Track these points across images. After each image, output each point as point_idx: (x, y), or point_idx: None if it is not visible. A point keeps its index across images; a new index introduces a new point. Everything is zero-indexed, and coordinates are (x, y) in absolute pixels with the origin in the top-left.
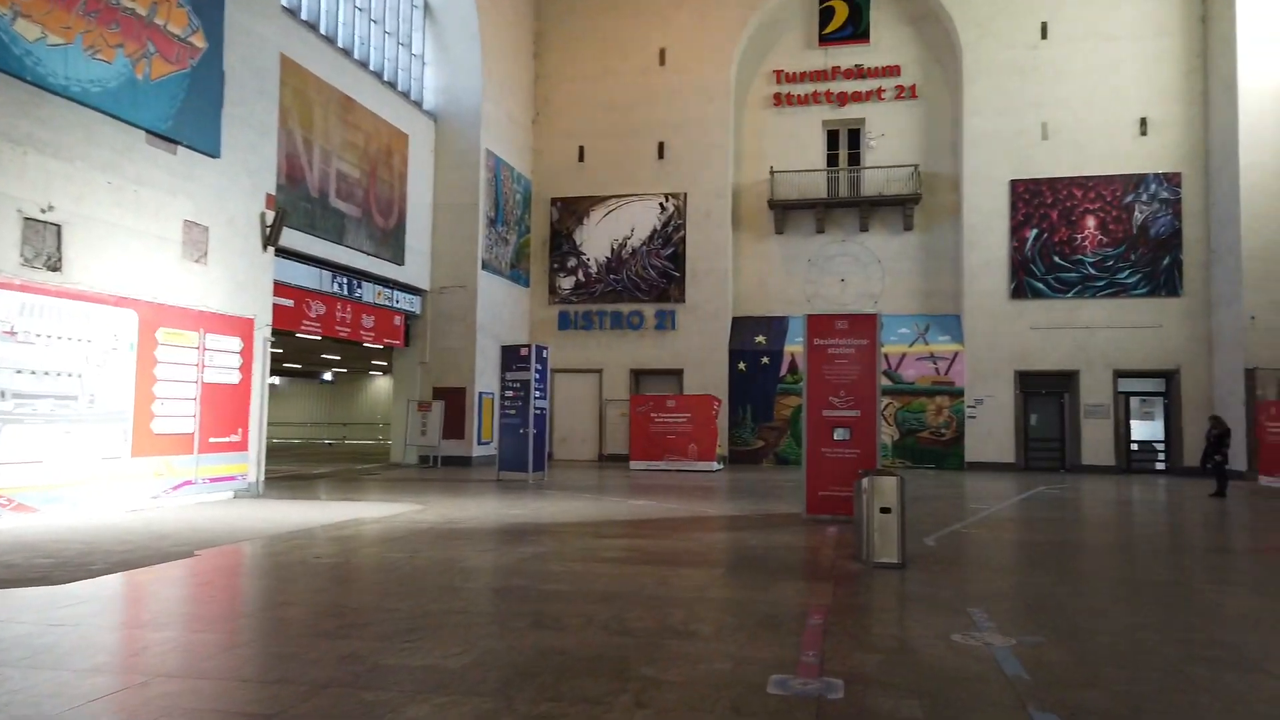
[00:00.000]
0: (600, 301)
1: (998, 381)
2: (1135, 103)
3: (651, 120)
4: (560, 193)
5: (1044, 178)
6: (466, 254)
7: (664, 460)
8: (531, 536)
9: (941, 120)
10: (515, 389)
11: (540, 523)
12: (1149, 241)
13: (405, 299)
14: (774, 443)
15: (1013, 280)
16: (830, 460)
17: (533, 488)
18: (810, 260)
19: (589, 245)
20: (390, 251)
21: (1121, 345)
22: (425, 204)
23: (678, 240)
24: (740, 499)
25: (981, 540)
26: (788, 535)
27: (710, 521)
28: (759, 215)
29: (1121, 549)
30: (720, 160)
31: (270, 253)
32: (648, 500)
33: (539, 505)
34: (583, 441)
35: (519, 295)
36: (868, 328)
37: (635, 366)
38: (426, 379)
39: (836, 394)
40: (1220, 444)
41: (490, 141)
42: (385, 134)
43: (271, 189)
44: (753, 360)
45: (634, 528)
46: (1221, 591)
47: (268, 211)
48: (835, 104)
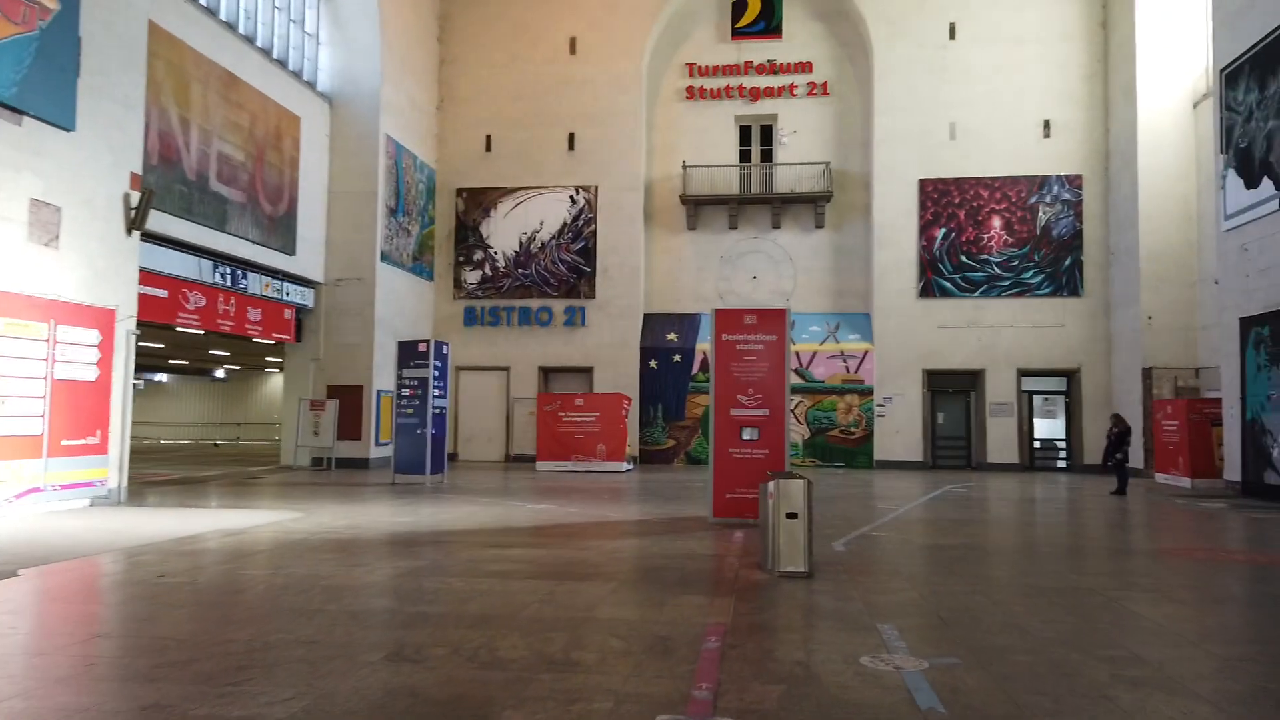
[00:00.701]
0: (508, 297)
1: (906, 380)
2: (1039, 105)
3: (562, 110)
4: (466, 183)
5: (952, 177)
6: (364, 244)
7: (572, 461)
8: (414, 547)
9: (852, 118)
10: (413, 387)
11: (428, 531)
12: (1052, 242)
13: (297, 292)
14: (686, 442)
15: (921, 279)
16: (738, 461)
17: (430, 491)
18: (723, 257)
19: (496, 238)
20: (280, 240)
21: (1025, 345)
22: (319, 191)
23: (588, 234)
24: (647, 501)
25: (891, 544)
26: (691, 542)
27: (612, 527)
28: (671, 210)
29: (1030, 552)
30: (632, 153)
31: (136, 238)
32: (549, 504)
33: (431, 511)
34: (489, 441)
35: (422, 289)
36: (777, 323)
37: (544, 364)
38: (320, 377)
39: (745, 392)
40: (1121, 442)
41: (390, 127)
42: (274, 115)
43: (138, 168)
44: (664, 358)
45: (529, 535)
46: (1135, 599)
47: (132, 192)
48: (748, 99)
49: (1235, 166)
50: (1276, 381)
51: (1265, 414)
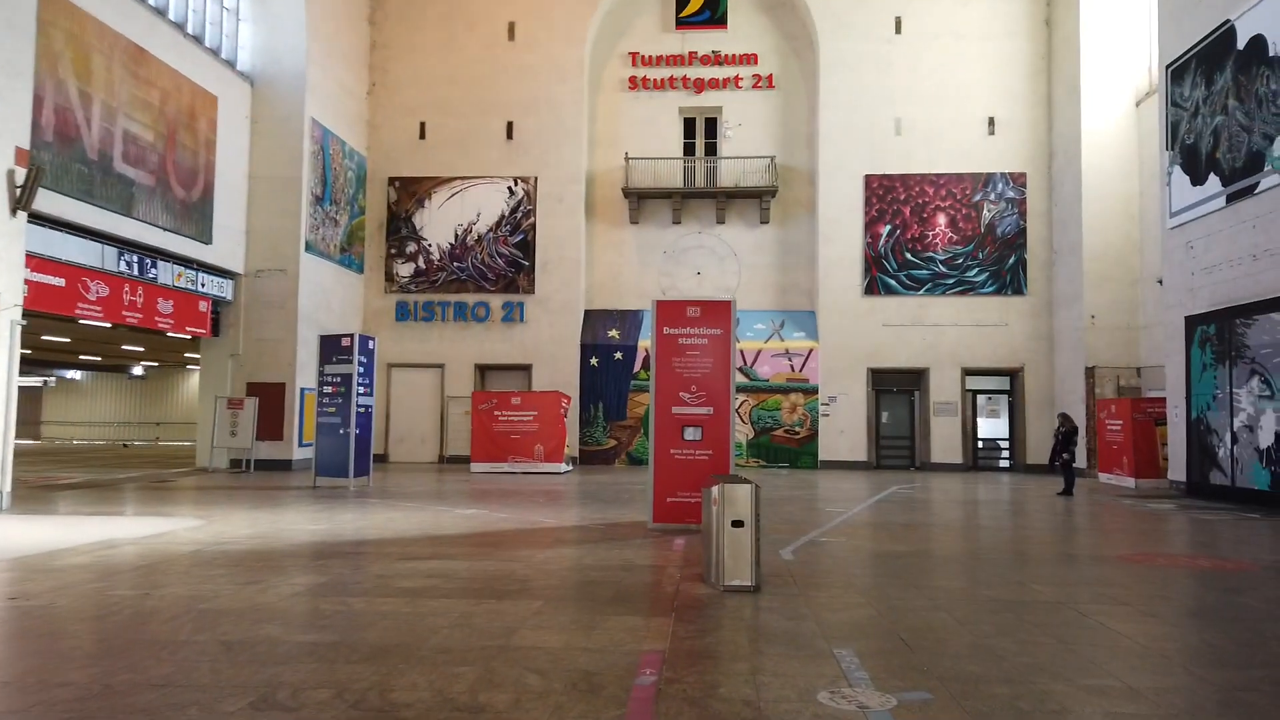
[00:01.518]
0: (443, 291)
1: (851, 379)
2: (984, 102)
3: (500, 98)
4: (399, 172)
5: (897, 173)
6: (288, 233)
7: (508, 462)
8: (321, 560)
9: (798, 112)
10: (335, 384)
11: (340, 541)
12: (996, 240)
13: (214, 283)
14: (627, 442)
15: (866, 276)
16: (680, 463)
17: (352, 496)
18: (666, 252)
19: (430, 230)
20: (194, 228)
21: (969, 343)
22: (239, 176)
23: (527, 227)
24: (585, 505)
25: (841, 552)
26: (629, 551)
27: (544, 534)
28: (614, 204)
29: (987, 559)
30: (573, 144)
31: (22, 219)
32: (481, 508)
33: (349, 518)
34: (422, 442)
35: (351, 282)
36: (722, 316)
37: (481, 361)
38: (240, 373)
39: (687, 389)
40: (1068, 442)
41: (316, 110)
42: (188, 94)
43: (25, 142)
44: (605, 355)
45: (452, 545)
46: (1108, 613)
47: (18, 169)
48: (692, 90)
49: (1181, 163)
50: (1222, 381)
51: (1210, 413)
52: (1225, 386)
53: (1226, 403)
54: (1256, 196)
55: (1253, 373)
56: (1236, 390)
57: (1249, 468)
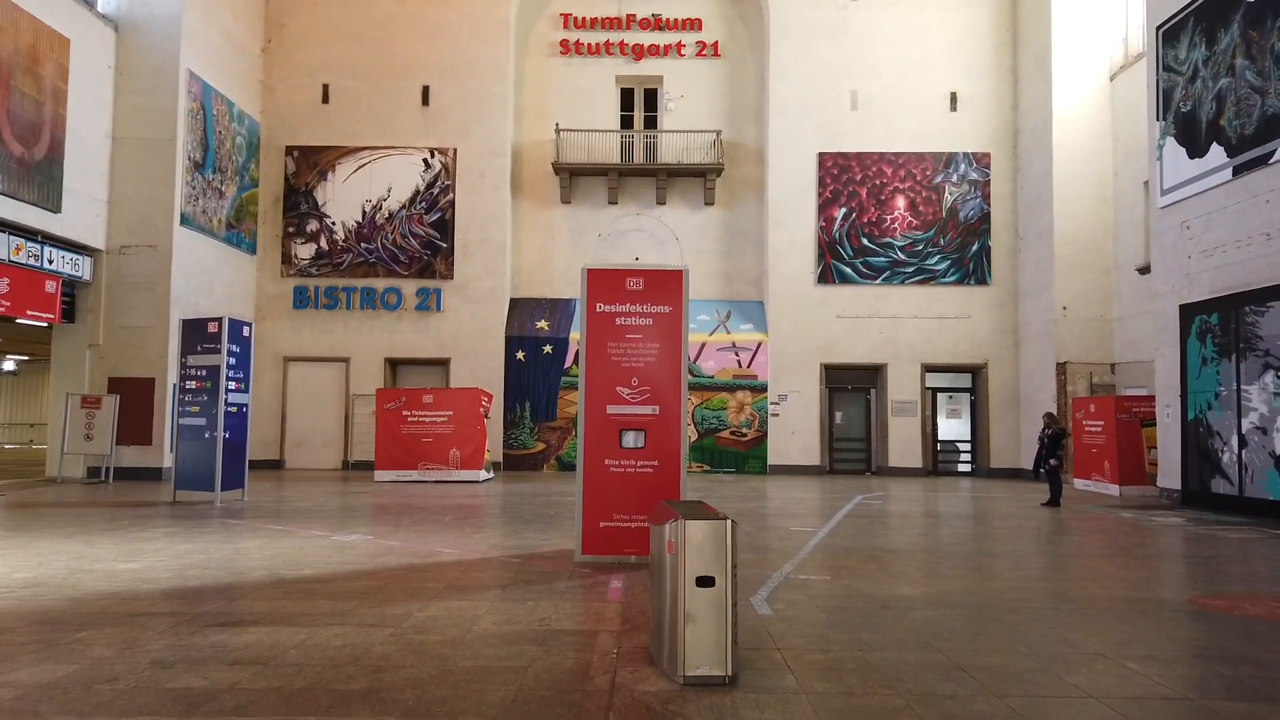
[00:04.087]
0: (348, 275)
1: (803, 375)
2: (945, 75)
3: (414, 59)
4: (298, 140)
5: (853, 151)
6: (158, 203)
7: (419, 469)
8: (88, 631)
9: (746, 84)
10: (199, 378)
11: (142, 594)
12: (959, 225)
13: (66, 259)
14: (557, 445)
15: (819, 264)
16: (616, 477)
17: (217, 515)
18: (601, 235)
19: (334, 206)
20: (36, 192)
21: (930, 337)
22: (99, 135)
23: (445, 204)
24: (500, 526)
25: (835, 600)
26: (547, 602)
27: (436, 574)
28: (543, 181)
29: (1030, 607)
30: (497, 112)
31: None
32: (366, 533)
33: (186, 549)
34: (324, 446)
35: (240, 263)
36: (671, 289)
37: (392, 355)
38: (99, 367)
39: (626, 383)
40: (1055, 446)
41: (195, 62)
42: (28, 32)
43: None
44: (533, 349)
45: (303, 596)
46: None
47: None
48: (630, 58)
49: (1175, 134)
50: (1226, 377)
51: (1211, 413)
52: (1231, 383)
53: (1232, 401)
54: (1271, 167)
55: (1266, 367)
56: (1245, 387)
57: (1262, 475)
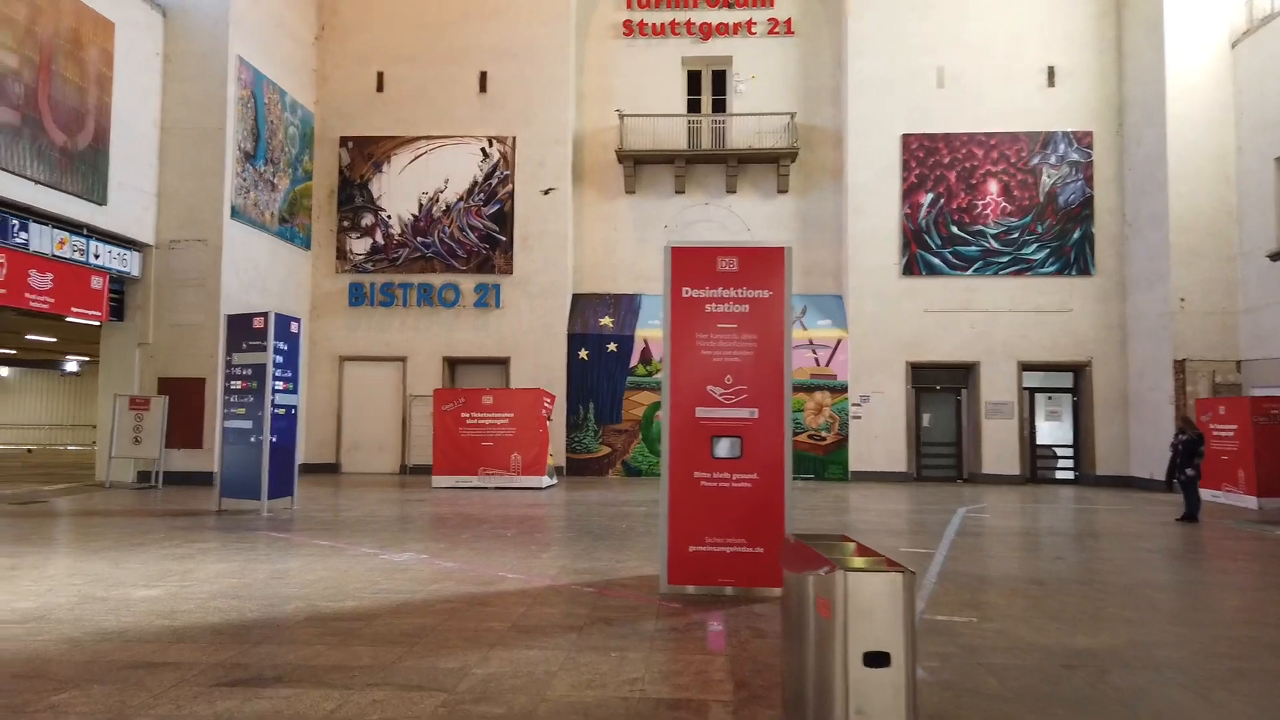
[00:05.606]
0: (404, 271)
1: (886, 374)
2: (1041, 48)
3: (471, 44)
4: (353, 130)
5: (940, 132)
6: (208, 195)
7: (478, 475)
8: (65, 687)
9: (821, 62)
10: (245, 378)
11: (155, 631)
12: (1058, 211)
13: (114, 254)
14: (623, 449)
15: (904, 254)
16: (708, 493)
17: (262, 525)
18: (667, 226)
19: (390, 199)
20: (80, 183)
21: (1026, 333)
22: (147, 125)
23: (504, 196)
24: (567, 544)
25: (1001, 657)
26: (634, 653)
27: (497, 609)
28: (606, 169)
29: (1265, 672)
30: (558, 98)
31: None
32: (420, 551)
33: (217, 572)
34: (380, 449)
35: (295, 259)
36: (773, 270)
37: (450, 354)
38: (149, 366)
39: (719, 380)
40: (1191, 454)
41: (245, 48)
42: (70, 15)
43: None
44: (596, 347)
45: (340, 641)
46: None
47: None
48: (697, 37)
49: None
50: None
51: None
52: None
53: None
54: None
55: None
56: None
57: None
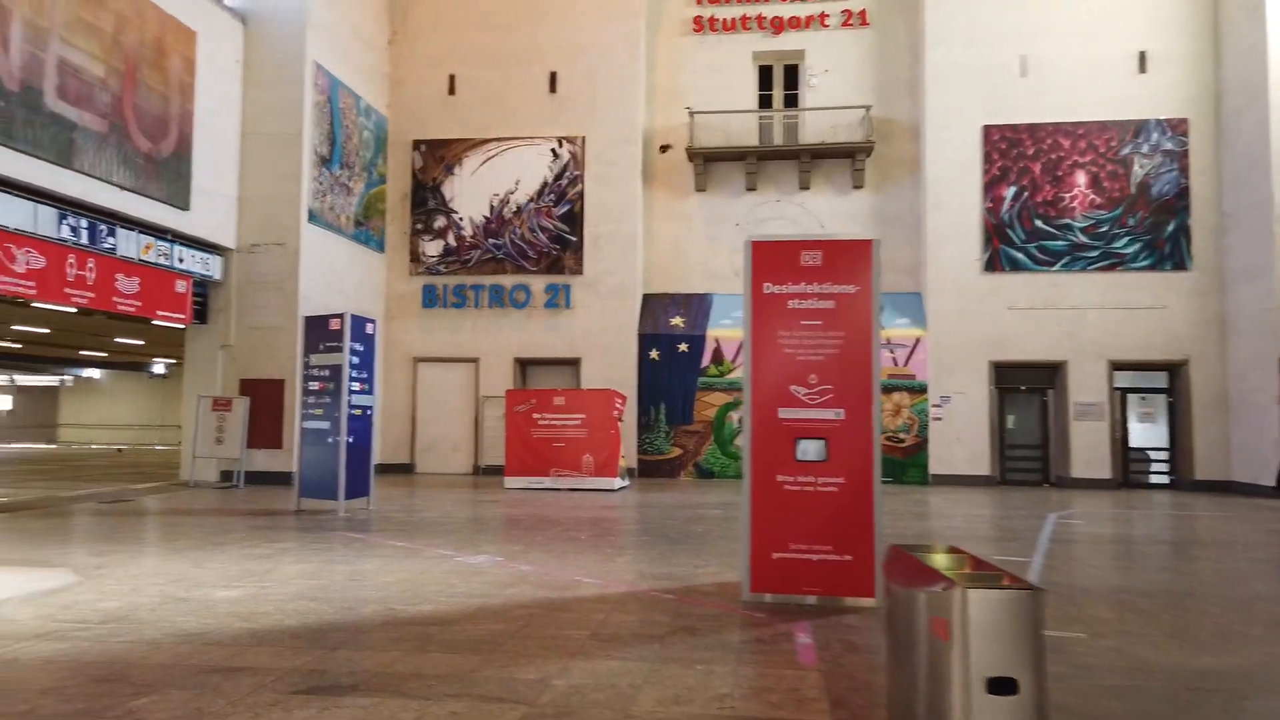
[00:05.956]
0: (476, 273)
1: (968, 374)
2: (1132, 33)
3: (541, 44)
4: (425, 133)
5: (1024, 123)
6: (286, 200)
7: (550, 476)
8: (144, 692)
9: (897, 53)
10: (323, 379)
11: (232, 635)
12: (1150, 203)
13: (196, 258)
14: (695, 451)
15: (986, 249)
16: (792, 496)
17: (339, 526)
18: (739, 224)
19: (461, 201)
20: (164, 189)
21: (1118, 330)
22: (228, 132)
23: (574, 196)
24: (642, 547)
25: (1119, 676)
26: (719, 666)
27: (575, 616)
28: (676, 168)
29: None
30: (628, 96)
31: None
32: (495, 553)
33: (297, 572)
34: (454, 450)
35: (370, 262)
36: (859, 263)
37: (521, 355)
38: (231, 368)
39: (803, 380)
40: None
41: (321, 54)
42: (154, 24)
43: None
44: (668, 347)
45: (415, 644)
46: None
47: None
48: (769, 32)
49: None
50: None
51: None
52: None
53: None
54: None
55: None
56: None
57: None
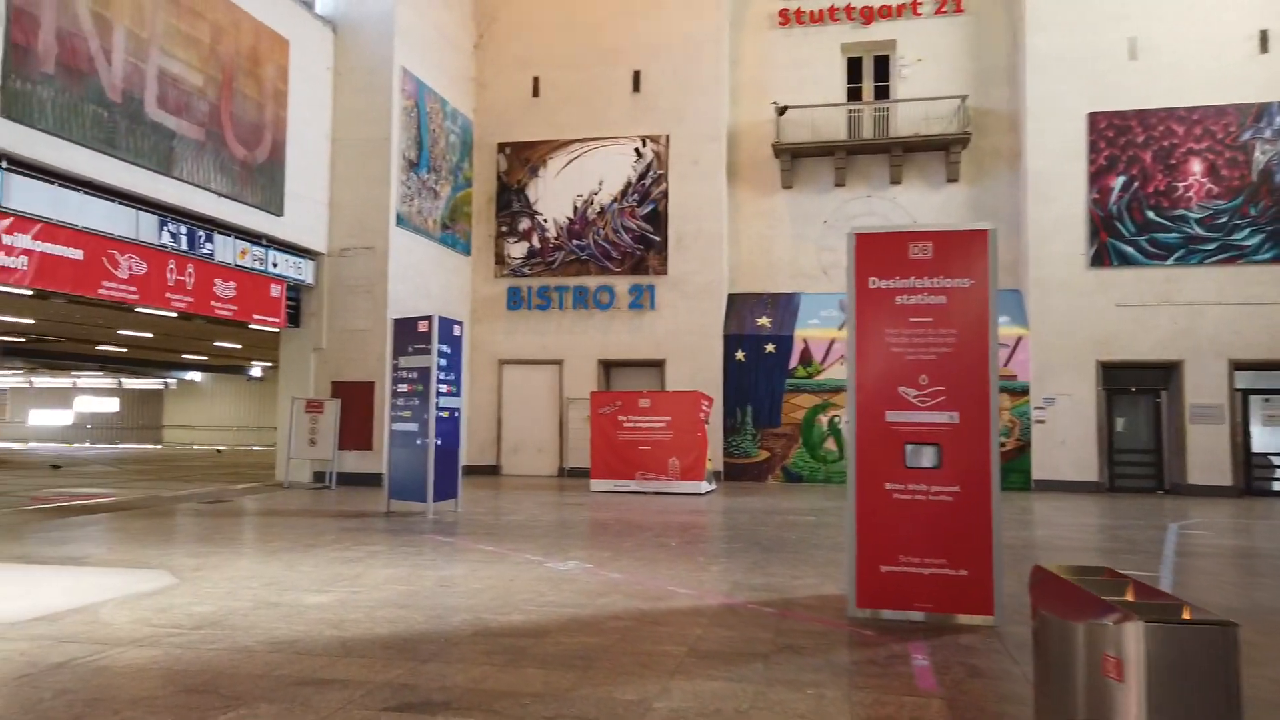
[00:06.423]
0: (560, 274)
1: (1073, 375)
2: (1249, 10)
3: (625, 43)
4: (509, 136)
5: (1133, 109)
6: (375, 204)
7: (636, 479)
8: (232, 704)
9: (994, 40)
10: (411, 381)
11: (322, 643)
12: (1274, 191)
13: (289, 262)
14: (782, 454)
15: (1093, 244)
16: (902, 505)
17: (428, 528)
18: (827, 221)
19: (545, 202)
20: (259, 195)
21: (1239, 328)
22: (319, 137)
23: (658, 195)
24: (734, 555)
25: None
26: (832, 695)
27: (669, 628)
28: (762, 164)
29: None
30: (712, 94)
31: None
32: (584, 559)
33: (387, 576)
34: (539, 452)
35: (456, 265)
36: (974, 254)
37: (605, 357)
38: (323, 371)
39: (913, 381)
40: None
41: (409, 59)
42: (249, 34)
43: None
44: (754, 348)
45: (507, 658)
46: None
47: None
48: (858, 22)
49: None
50: None
51: None
52: None
53: None
54: None
55: None
56: None
57: None
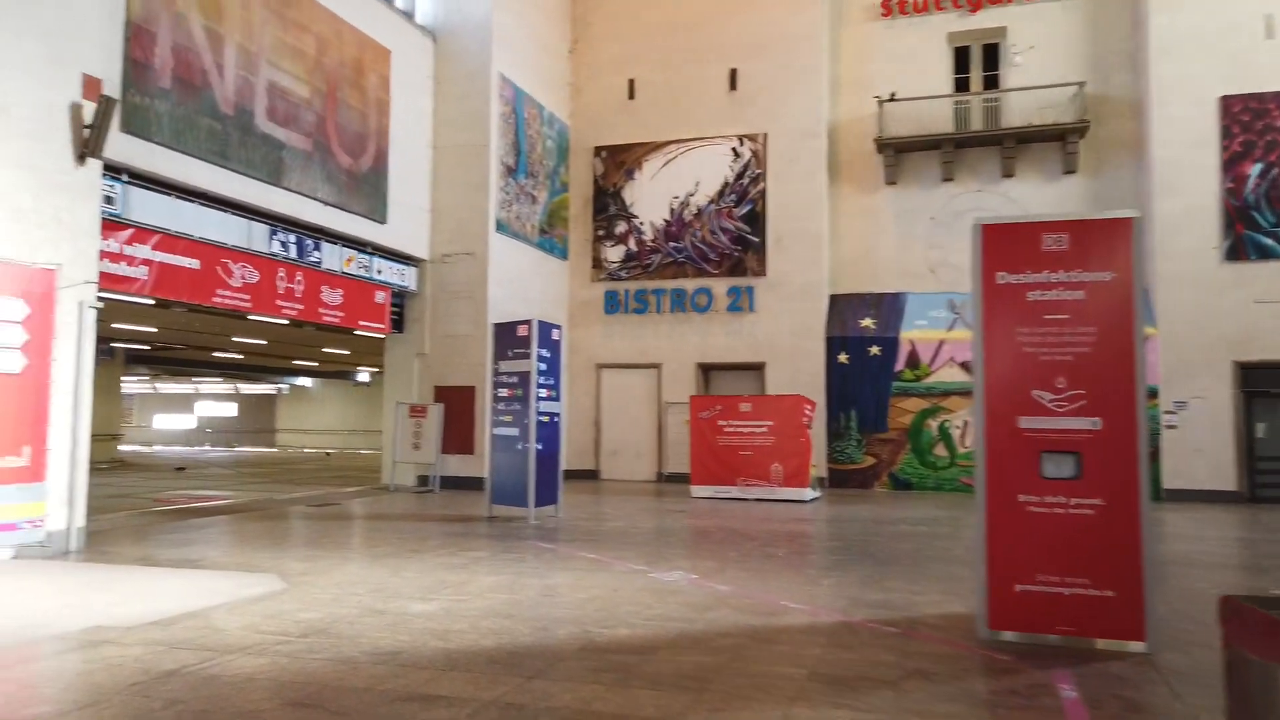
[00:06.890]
0: (657, 277)
1: (1207, 377)
2: None
3: (721, 41)
4: (605, 140)
5: (1270, 91)
6: (474, 210)
7: (737, 485)
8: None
9: (1112, 23)
10: (511, 385)
11: (427, 654)
12: None
13: (393, 269)
14: (889, 460)
15: (1227, 236)
16: (1038, 519)
17: (530, 534)
18: (934, 218)
19: (642, 205)
20: (364, 203)
21: None
22: (420, 145)
23: (756, 195)
24: (847, 567)
25: None
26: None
27: (785, 648)
28: (864, 160)
29: None
30: (811, 88)
31: (95, 170)
32: (688, 570)
33: (491, 584)
34: (638, 456)
35: (554, 269)
36: (1116, 244)
37: (703, 360)
38: (426, 375)
39: (1049, 384)
40: None
41: (506, 65)
42: (352, 44)
43: (96, 69)
44: (857, 350)
45: (615, 676)
46: None
47: (86, 103)
48: (965, 10)
49: None
50: None
51: None
52: None
53: None
54: None
55: None
56: None
57: None
